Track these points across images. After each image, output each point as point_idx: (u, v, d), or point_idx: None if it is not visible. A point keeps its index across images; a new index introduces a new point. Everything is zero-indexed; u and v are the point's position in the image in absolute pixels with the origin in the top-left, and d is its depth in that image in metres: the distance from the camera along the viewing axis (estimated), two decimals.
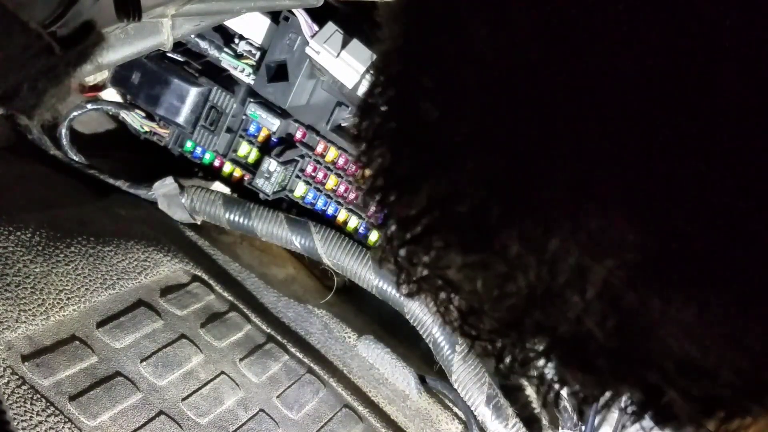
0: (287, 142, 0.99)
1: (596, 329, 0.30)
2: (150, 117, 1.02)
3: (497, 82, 0.30)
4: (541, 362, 0.35)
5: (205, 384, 0.79)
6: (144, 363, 0.76)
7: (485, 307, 0.34)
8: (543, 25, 0.29)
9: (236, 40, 0.98)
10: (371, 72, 0.37)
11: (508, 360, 0.36)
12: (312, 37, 0.90)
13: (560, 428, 0.86)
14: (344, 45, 0.88)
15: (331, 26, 0.89)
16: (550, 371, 0.35)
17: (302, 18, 0.91)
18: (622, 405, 0.34)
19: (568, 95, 0.28)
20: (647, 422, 0.33)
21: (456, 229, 0.32)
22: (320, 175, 0.99)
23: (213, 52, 0.98)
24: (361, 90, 0.90)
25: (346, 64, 0.88)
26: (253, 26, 0.98)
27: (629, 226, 0.28)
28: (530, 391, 0.92)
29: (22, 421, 0.64)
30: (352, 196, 1.00)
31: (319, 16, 0.91)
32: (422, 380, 0.90)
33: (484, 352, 0.37)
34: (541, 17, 0.29)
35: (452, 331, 0.37)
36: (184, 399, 0.76)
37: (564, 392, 0.36)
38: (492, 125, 0.30)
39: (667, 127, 0.27)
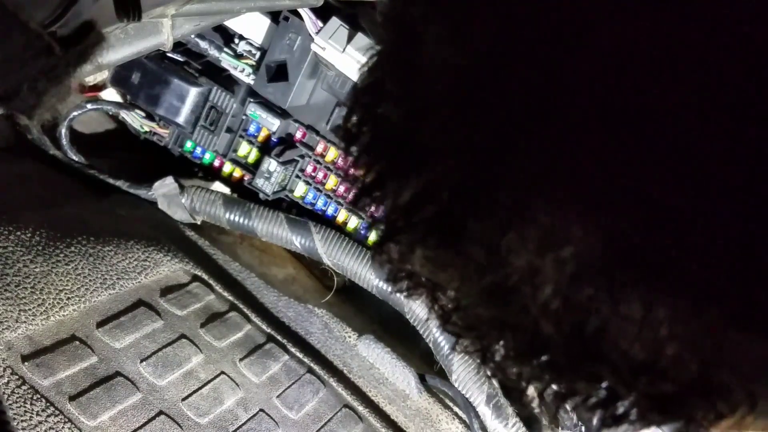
0: (287, 142, 0.99)
1: (550, 328, 0.31)
2: (150, 117, 1.02)
3: (454, 87, 0.31)
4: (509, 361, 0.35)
5: (205, 384, 0.79)
6: (144, 363, 0.76)
7: (464, 303, 0.35)
8: (495, 27, 0.30)
9: (236, 40, 0.98)
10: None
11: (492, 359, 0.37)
12: (317, 33, 0.90)
13: (560, 428, 0.86)
14: (349, 39, 0.88)
15: (335, 21, 0.89)
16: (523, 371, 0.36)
17: (306, 15, 0.91)
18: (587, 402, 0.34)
19: (521, 99, 0.29)
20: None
21: (423, 229, 0.33)
22: (320, 175, 0.99)
23: (213, 52, 0.98)
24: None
25: (353, 59, 0.88)
26: (253, 26, 0.98)
27: (578, 225, 0.28)
28: (531, 391, 0.92)
29: (22, 421, 0.64)
30: (352, 196, 0.99)
31: (320, 16, 0.91)
32: (422, 379, 0.90)
33: (468, 349, 0.38)
34: (493, 19, 0.30)
35: (442, 325, 0.38)
36: (184, 399, 0.76)
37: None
38: (451, 129, 0.31)
39: (613, 128, 0.27)
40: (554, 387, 0.35)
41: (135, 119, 1.02)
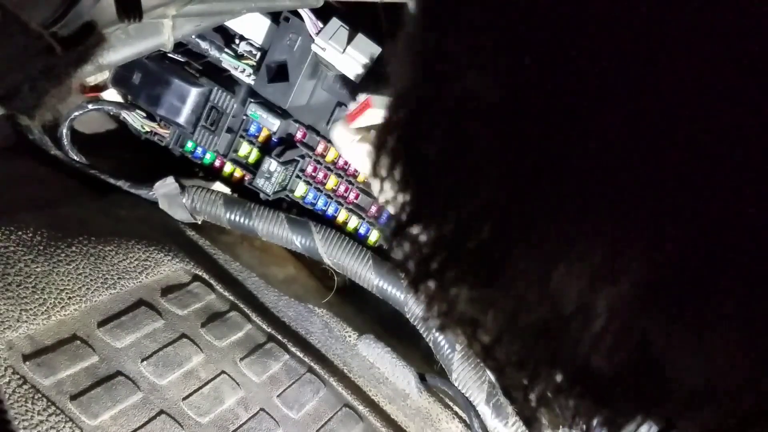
0: (288, 142, 1.00)
1: (604, 363, 0.30)
2: (151, 117, 1.02)
3: (492, 119, 0.30)
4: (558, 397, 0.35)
5: (206, 383, 0.79)
6: (145, 362, 0.76)
7: (504, 339, 0.35)
8: (532, 57, 0.29)
9: (237, 41, 0.99)
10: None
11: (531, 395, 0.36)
12: (317, 34, 0.90)
13: (561, 427, 0.86)
14: (350, 40, 0.89)
15: (335, 22, 0.89)
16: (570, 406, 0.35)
17: (306, 16, 0.91)
18: None
19: (566, 131, 0.28)
20: None
21: (464, 265, 0.33)
22: (320, 175, 0.99)
23: (214, 53, 0.98)
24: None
25: (353, 59, 0.88)
26: (253, 27, 0.98)
27: (630, 257, 0.28)
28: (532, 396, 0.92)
29: (23, 420, 0.64)
30: (352, 196, 1.00)
31: (320, 16, 0.91)
32: (422, 379, 0.90)
33: (510, 385, 0.37)
34: (529, 49, 0.29)
35: (481, 362, 0.37)
36: (184, 398, 0.76)
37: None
38: (490, 163, 0.30)
39: (661, 154, 0.27)
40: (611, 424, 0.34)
41: (136, 119, 1.02)
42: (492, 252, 0.31)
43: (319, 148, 0.99)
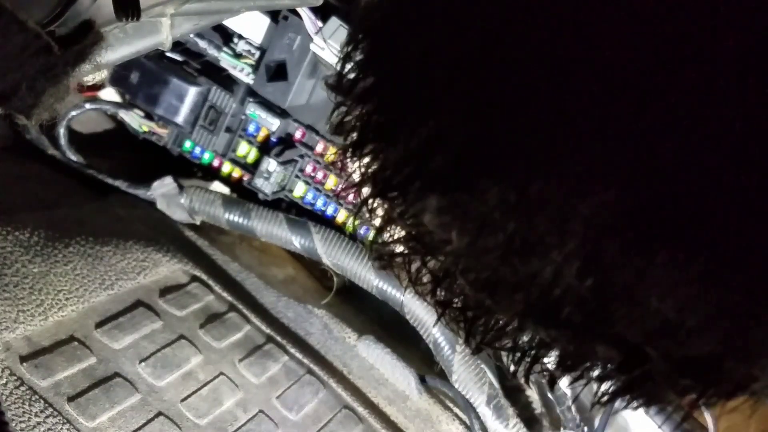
0: (287, 141, 0.99)
1: (574, 281, 0.29)
2: (149, 117, 1.02)
3: (481, 16, 0.29)
4: (514, 328, 0.33)
5: (204, 385, 0.78)
6: (143, 364, 0.76)
7: (459, 268, 0.33)
8: None
9: (235, 40, 0.98)
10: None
11: (480, 331, 0.34)
12: (316, 33, 0.90)
13: (562, 428, 0.86)
14: None
15: (335, 21, 0.89)
16: (523, 339, 0.34)
17: (306, 14, 0.90)
18: (596, 373, 0.32)
19: (552, 30, 0.27)
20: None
21: (434, 175, 0.31)
22: (320, 175, 0.99)
23: (212, 52, 0.98)
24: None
25: None
26: (252, 26, 0.97)
27: (613, 175, 0.27)
28: (531, 392, 0.92)
29: (20, 422, 0.64)
30: (351, 195, 0.99)
31: (320, 15, 0.91)
32: (422, 380, 0.90)
33: (455, 322, 0.35)
34: None
35: (423, 297, 0.36)
36: (183, 400, 0.76)
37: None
38: (476, 62, 0.29)
39: (656, 90, 0.26)
40: (559, 354, 0.33)
41: (134, 119, 1.02)
42: (466, 160, 0.30)
43: (319, 148, 0.98)
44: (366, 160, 0.34)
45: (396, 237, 0.35)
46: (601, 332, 0.31)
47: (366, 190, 0.35)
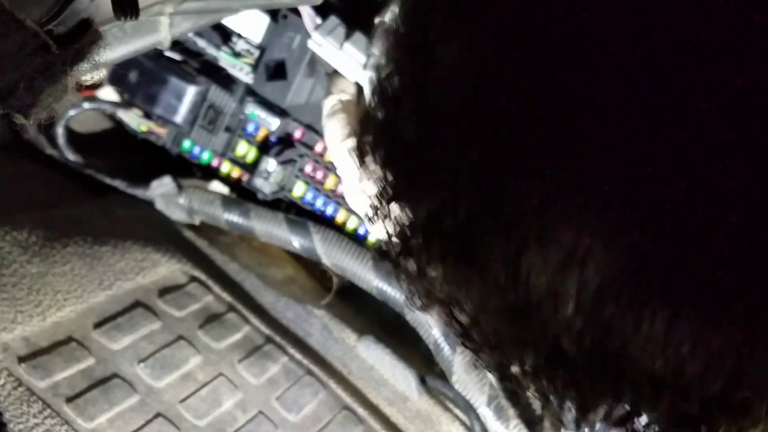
0: (286, 141, 0.99)
1: (572, 347, 0.30)
2: (147, 116, 1.01)
3: (469, 102, 0.31)
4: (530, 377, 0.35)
5: (204, 386, 0.78)
6: (142, 364, 0.75)
7: (480, 320, 0.35)
8: (513, 35, 0.29)
9: (234, 39, 0.98)
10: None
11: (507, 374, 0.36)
12: (315, 29, 0.89)
13: (563, 429, 0.85)
14: (347, 37, 0.88)
15: (333, 19, 0.89)
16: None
17: (306, 13, 0.90)
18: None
19: (538, 114, 0.29)
20: None
21: (440, 245, 0.33)
22: (319, 175, 0.98)
23: (211, 51, 0.98)
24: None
25: (349, 57, 0.87)
26: (251, 24, 0.97)
27: (598, 242, 0.28)
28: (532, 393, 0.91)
29: (18, 423, 0.63)
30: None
31: (320, 14, 0.90)
32: (423, 381, 0.89)
33: (486, 366, 0.38)
34: (506, 32, 0.29)
35: (462, 343, 0.38)
36: (182, 401, 0.75)
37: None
38: (467, 146, 0.31)
39: (631, 141, 0.27)
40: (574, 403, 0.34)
41: (132, 118, 1.01)
42: (467, 233, 0.31)
43: (318, 148, 0.98)
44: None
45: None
46: (601, 391, 0.33)
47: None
